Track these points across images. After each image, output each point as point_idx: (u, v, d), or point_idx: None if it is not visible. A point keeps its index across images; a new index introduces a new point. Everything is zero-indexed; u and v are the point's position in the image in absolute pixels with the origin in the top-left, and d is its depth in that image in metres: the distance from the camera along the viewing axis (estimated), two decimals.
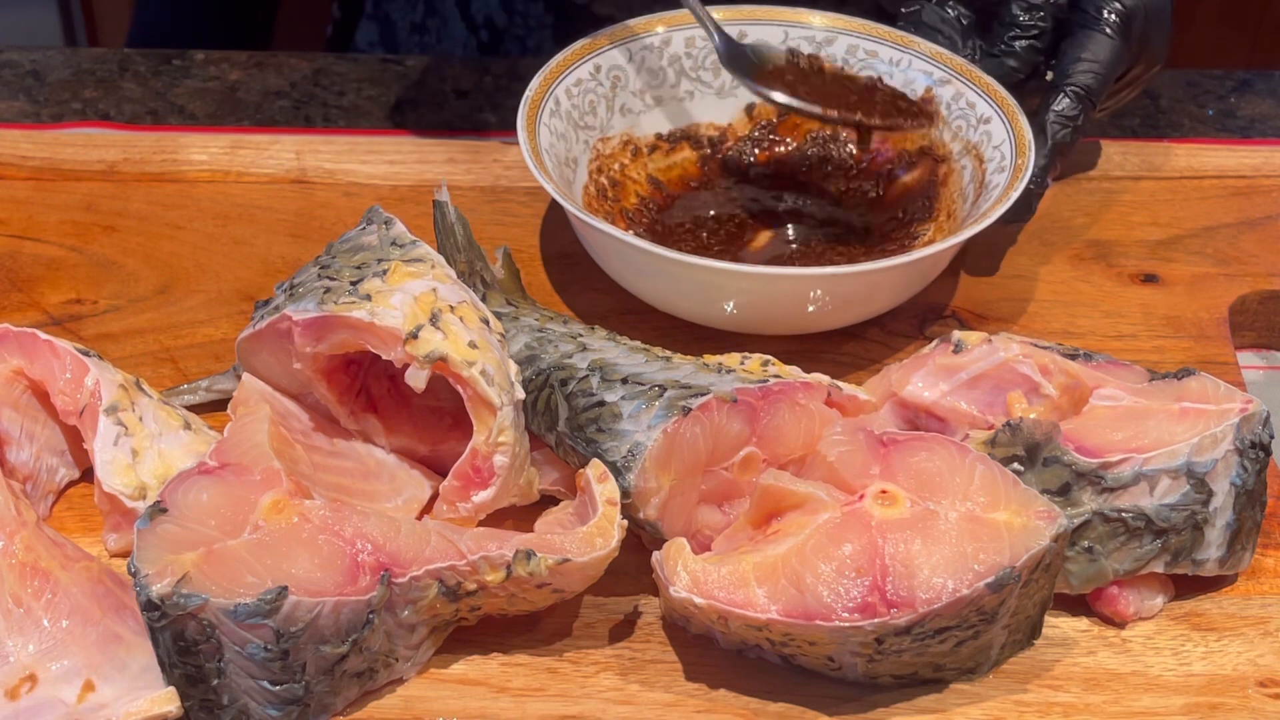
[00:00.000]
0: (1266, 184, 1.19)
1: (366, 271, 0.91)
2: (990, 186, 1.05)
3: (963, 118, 1.11)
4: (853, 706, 0.85)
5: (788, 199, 1.15)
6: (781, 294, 1.00)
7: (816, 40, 1.16)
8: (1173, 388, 0.91)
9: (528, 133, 1.06)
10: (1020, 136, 1.06)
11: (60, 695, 0.82)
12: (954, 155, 1.11)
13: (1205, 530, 0.88)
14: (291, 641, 0.80)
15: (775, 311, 1.02)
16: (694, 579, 0.83)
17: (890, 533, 0.82)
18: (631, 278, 1.05)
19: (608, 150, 1.14)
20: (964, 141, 1.10)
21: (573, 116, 1.11)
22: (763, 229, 1.13)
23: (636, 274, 1.04)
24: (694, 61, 1.18)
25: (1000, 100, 1.08)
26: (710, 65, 1.17)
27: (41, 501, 0.96)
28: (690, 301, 1.03)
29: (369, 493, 0.94)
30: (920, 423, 0.95)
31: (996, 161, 1.06)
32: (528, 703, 0.86)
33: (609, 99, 1.15)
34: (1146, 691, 0.86)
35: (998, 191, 1.03)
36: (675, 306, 1.04)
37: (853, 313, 1.03)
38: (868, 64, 1.15)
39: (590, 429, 0.90)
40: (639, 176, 1.16)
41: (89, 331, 1.08)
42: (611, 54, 1.15)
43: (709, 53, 1.17)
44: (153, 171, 1.21)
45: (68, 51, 1.39)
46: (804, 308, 1.00)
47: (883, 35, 1.15)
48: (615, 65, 1.15)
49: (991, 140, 1.08)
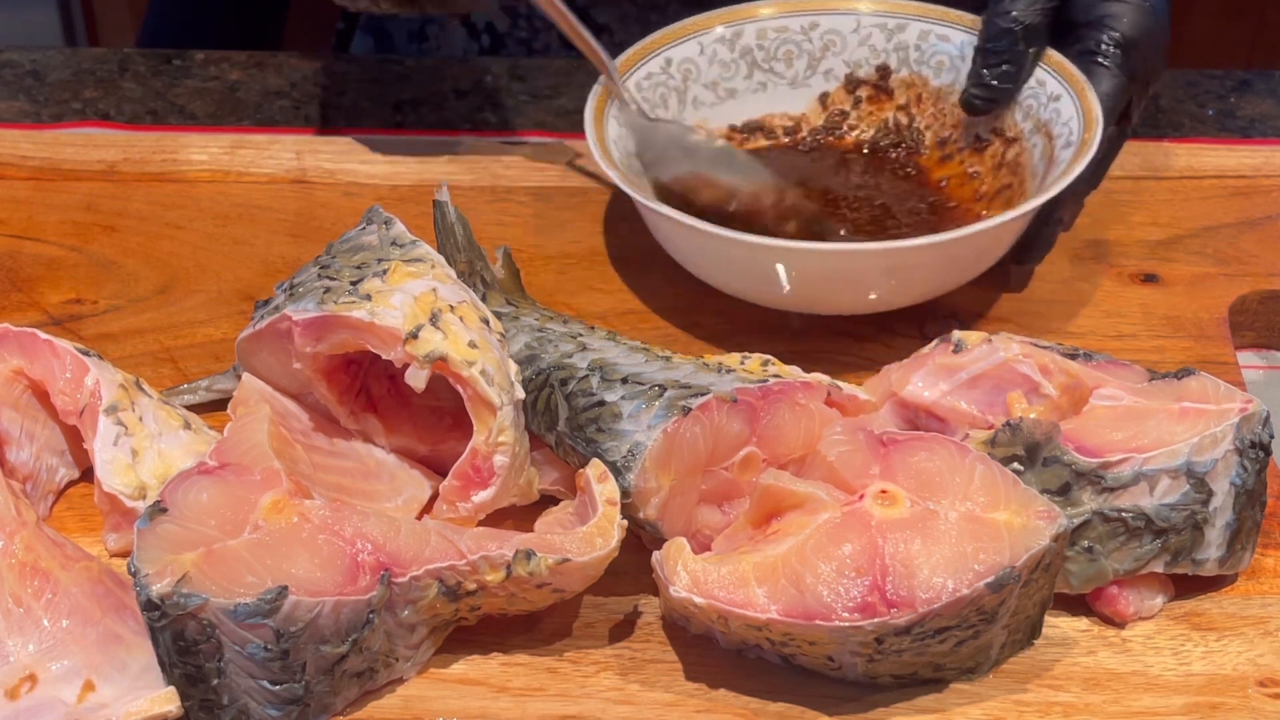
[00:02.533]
0: (1266, 184, 1.19)
1: (366, 271, 0.91)
2: (1058, 162, 1.05)
3: (1033, 96, 1.11)
4: (853, 706, 0.85)
5: (859, 185, 1.16)
6: (851, 270, 1.01)
7: (889, 27, 1.17)
8: (1173, 388, 0.91)
9: (595, 126, 1.07)
10: (1088, 111, 1.06)
11: (60, 695, 0.82)
12: (1025, 135, 1.11)
13: (1205, 530, 0.88)
14: (291, 641, 0.80)
15: (854, 288, 1.03)
16: (694, 579, 0.83)
17: (890, 533, 0.82)
18: (705, 266, 1.06)
19: None
20: (1035, 120, 1.10)
21: (643, 110, 1.11)
22: (833, 216, 1.13)
23: (709, 261, 1.05)
24: (766, 53, 1.18)
25: (1069, 76, 1.08)
26: (782, 56, 1.18)
27: (41, 501, 0.96)
28: (759, 284, 1.03)
29: (369, 493, 0.94)
30: (920, 423, 0.95)
31: (1065, 137, 1.06)
32: (528, 703, 0.86)
33: (680, 91, 1.15)
34: (1146, 691, 0.86)
35: (1063, 167, 1.04)
36: (746, 291, 1.05)
37: (928, 287, 1.04)
38: (938, 49, 1.16)
39: (590, 429, 0.90)
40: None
41: (89, 331, 1.08)
42: (683, 48, 1.15)
43: (781, 43, 1.18)
44: (153, 171, 1.21)
45: (68, 51, 1.39)
46: (881, 282, 1.01)
47: (954, 20, 1.16)
48: (686, 59, 1.15)
49: (1060, 117, 1.08)
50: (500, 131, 1.29)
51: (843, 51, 1.19)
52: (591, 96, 1.09)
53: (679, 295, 1.11)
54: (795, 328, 1.07)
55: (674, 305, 1.10)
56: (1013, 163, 1.12)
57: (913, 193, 1.15)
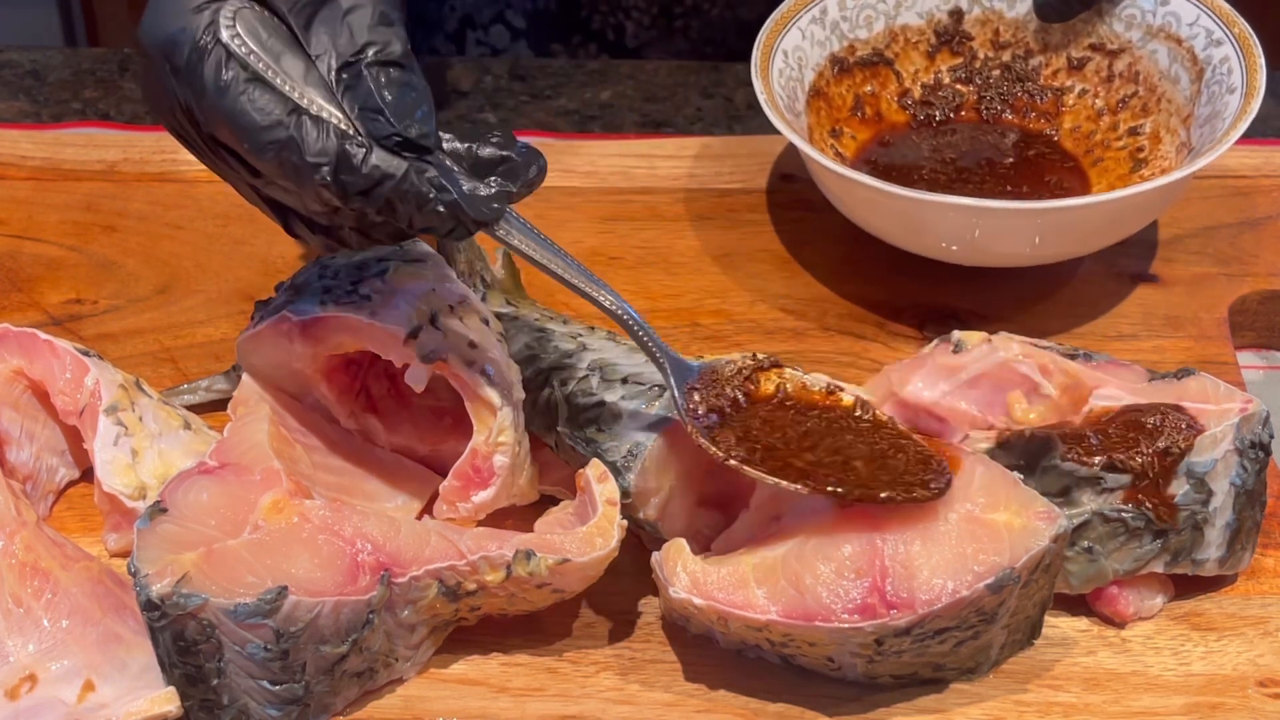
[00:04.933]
0: (1266, 184, 1.19)
1: (366, 272, 0.91)
2: (1213, 62, 1.07)
3: (1133, 6, 1.13)
4: (853, 706, 0.85)
5: (994, 146, 1.17)
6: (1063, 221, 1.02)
7: None
8: (1173, 388, 0.91)
9: (762, 78, 1.08)
10: (1218, 8, 1.08)
11: (60, 695, 0.82)
12: (1135, 44, 1.13)
13: (1205, 530, 0.88)
14: (291, 641, 0.80)
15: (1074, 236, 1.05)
16: (694, 579, 0.83)
17: (890, 533, 0.82)
18: (866, 216, 1.07)
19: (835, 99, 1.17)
20: (1146, 27, 1.12)
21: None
22: (992, 180, 1.15)
23: (869, 212, 1.07)
24: (850, 23, 1.18)
25: None
26: (863, 22, 1.18)
27: (41, 501, 0.96)
28: (919, 235, 1.05)
29: (369, 493, 0.94)
30: (920, 423, 0.95)
31: (1203, 37, 1.08)
32: (528, 703, 0.86)
33: (799, 81, 1.15)
34: (1146, 691, 0.86)
35: (1228, 65, 1.06)
36: (907, 241, 1.07)
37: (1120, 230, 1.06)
38: None
39: (590, 429, 0.90)
40: (858, 133, 1.18)
41: (89, 331, 1.08)
42: (788, 38, 1.15)
43: (860, 8, 1.18)
44: (153, 171, 1.21)
45: (68, 51, 1.39)
46: (1104, 226, 1.04)
47: None
48: (796, 47, 1.15)
49: (1182, 19, 1.10)
50: None
51: (915, 4, 1.19)
52: (757, 45, 1.10)
53: (679, 295, 1.11)
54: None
55: (674, 305, 1.10)
56: (1128, 73, 1.14)
57: (1037, 136, 1.17)
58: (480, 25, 1.41)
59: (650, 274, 1.13)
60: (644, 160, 1.22)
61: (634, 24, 1.40)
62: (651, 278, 1.12)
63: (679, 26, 1.40)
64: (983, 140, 1.17)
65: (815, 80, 1.15)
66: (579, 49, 1.41)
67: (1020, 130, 1.17)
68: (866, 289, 1.10)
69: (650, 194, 1.19)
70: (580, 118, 1.30)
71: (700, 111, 1.30)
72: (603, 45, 1.41)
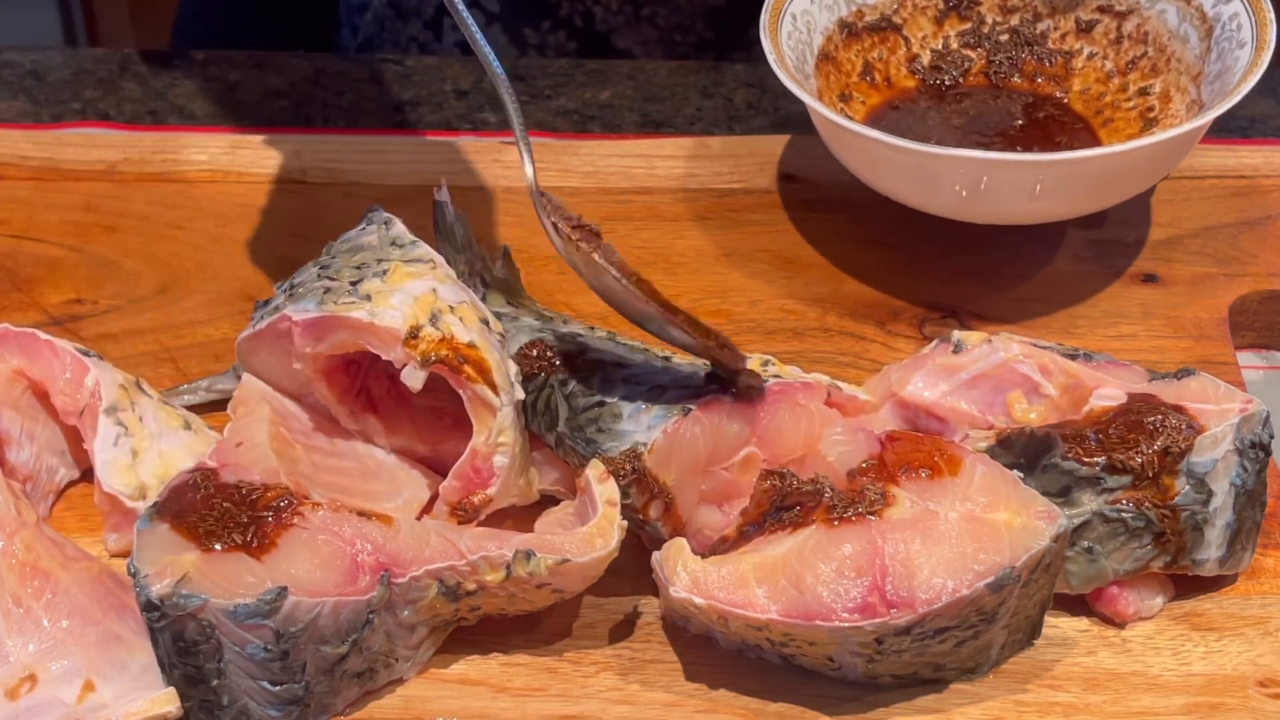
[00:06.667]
0: (1266, 184, 1.19)
1: (366, 272, 0.91)
2: (1223, 18, 1.07)
3: None
4: (853, 706, 0.85)
5: (1008, 112, 1.17)
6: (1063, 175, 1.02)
7: None
8: (1173, 388, 0.91)
9: (771, 39, 1.08)
10: None
11: (60, 695, 0.82)
12: (1143, 5, 1.13)
13: (1205, 530, 0.88)
14: (291, 642, 0.80)
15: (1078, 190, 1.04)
16: (694, 579, 0.83)
17: (890, 533, 0.82)
18: (876, 173, 1.07)
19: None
20: None
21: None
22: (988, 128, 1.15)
23: (879, 169, 1.06)
24: None
25: None
26: None
27: (41, 501, 0.96)
28: (930, 192, 1.05)
29: (369, 493, 0.93)
30: (920, 423, 0.95)
31: None
32: (528, 703, 0.86)
33: (808, 44, 1.15)
34: (1146, 691, 0.86)
35: (1237, 21, 1.06)
36: (918, 199, 1.07)
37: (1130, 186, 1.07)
38: None
39: (590, 429, 0.90)
40: (867, 98, 1.18)
41: (89, 331, 1.08)
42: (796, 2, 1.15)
43: None
44: (153, 171, 1.21)
45: (68, 51, 1.39)
46: (1109, 179, 1.03)
47: None
48: (805, 11, 1.15)
49: None
50: (500, 132, 1.29)
51: None
52: (765, 11, 1.10)
53: (679, 295, 1.10)
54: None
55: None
56: (1136, 34, 1.14)
57: (1046, 99, 1.16)
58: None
59: (650, 274, 1.12)
60: (644, 160, 1.22)
61: (603, 9, 1.40)
62: (651, 278, 1.11)
63: (646, 14, 1.39)
64: (992, 104, 1.16)
65: (824, 44, 1.14)
66: (548, 34, 1.41)
67: (1030, 94, 1.17)
68: (866, 289, 1.10)
69: (650, 194, 1.19)
70: (580, 118, 1.30)
71: (700, 111, 1.30)
72: (571, 32, 1.41)
